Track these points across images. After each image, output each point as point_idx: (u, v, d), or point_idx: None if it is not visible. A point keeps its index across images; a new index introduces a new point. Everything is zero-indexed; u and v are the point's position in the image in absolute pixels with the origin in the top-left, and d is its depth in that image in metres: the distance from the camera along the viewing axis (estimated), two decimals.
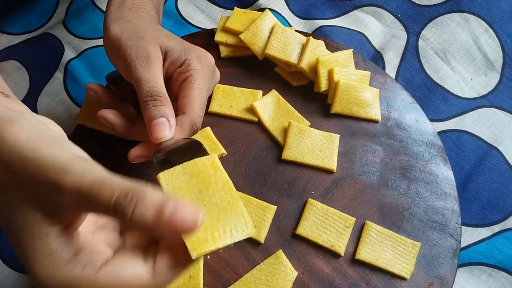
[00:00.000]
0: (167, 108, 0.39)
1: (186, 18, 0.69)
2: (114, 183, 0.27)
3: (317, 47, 0.56)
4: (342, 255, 0.48)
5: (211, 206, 0.32)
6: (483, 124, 0.61)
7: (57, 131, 0.33)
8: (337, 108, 0.55)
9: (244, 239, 0.31)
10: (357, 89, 0.54)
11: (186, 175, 0.33)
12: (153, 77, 0.40)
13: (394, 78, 0.63)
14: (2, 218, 0.29)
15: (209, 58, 0.45)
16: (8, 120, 0.29)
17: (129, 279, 0.29)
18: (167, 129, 0.39)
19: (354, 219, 0.49)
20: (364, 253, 0.48)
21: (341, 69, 0.55)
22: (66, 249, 0.28)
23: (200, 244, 0.30)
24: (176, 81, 0.44)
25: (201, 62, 0.44)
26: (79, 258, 0.28)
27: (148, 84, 0.40)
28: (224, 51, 0.59)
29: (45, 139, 0.29)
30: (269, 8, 0.67)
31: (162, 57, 0.43)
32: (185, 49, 0.44)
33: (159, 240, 0.31)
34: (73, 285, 0.27)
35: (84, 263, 0.28)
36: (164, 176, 0.33)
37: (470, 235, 0.55)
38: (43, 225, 0.28)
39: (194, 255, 0.29)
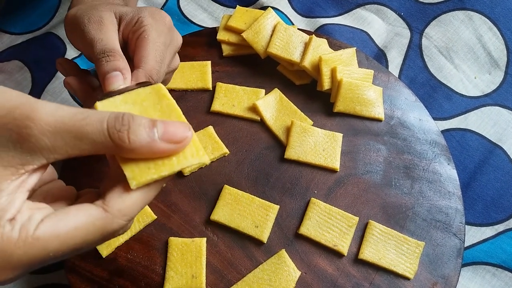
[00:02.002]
0: (121, 62, 0.38)
1: (188, 16, 0.68)
2: (97, 111, 0.25)
3: (319, 46, 0.56)
4: (345, 254, 0.48)
5: None
6: (487, 122, 0.60)
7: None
8: (340, 107, 0.54)
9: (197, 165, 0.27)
10: (360, 88, 0.54)
11: (127, 104, 0.29)
12: (106, 37, 0.39)
13: (397, 76, 0.63)
14: None
15: (164, 15, 0.43)
16: None
17: (78, 223, 0.25)
18: (121, 80, 0.36)
19: (357, 218, 0.49)
20: (368, 253, 0.48)
21: (344, 67, 0.55)
22: (12, 207, 0.24)
23: (141, 172, 0.26)
24: (131, 42, 0.42)
25: (155, 18, 0.42)
26: (17, 217, 0.24)
27: (101, 43, 0.38)
28: (226, 50, 0.59)
29: None
30: (271, 7, 0.67)
31: (116, 21, 0.42)
32: (138, 9, 0.43)
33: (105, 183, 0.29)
34: (9, 252, 0.24)
35: (21, 222, 0.24)
36: (102, 106, 0.29)
37: (474, 234, 0.55)
38: None
39: (133, 184, 0.26)
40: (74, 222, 0.25)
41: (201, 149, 0.28)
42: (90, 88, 0.43)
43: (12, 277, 0.25)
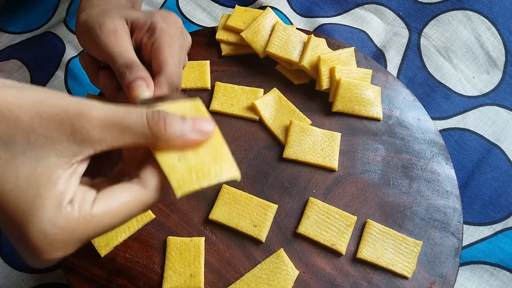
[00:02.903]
0: (143, 72, 0.40)
1: (187, 16, 0.68)
2: (136, 108, 0.29)
3: (318, 45, 0.56)
4: (344, 254, 0.48)
5: (194, 150, 0.31)
6: (485, 122, 0.61)
7: None
8: (338, 106, 0.55)
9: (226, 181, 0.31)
10: (358, 88, 0.54)
11: None
12: (124, 50, 0.41)
13: (396, 76, 0.63)
14: None
15: (175, 17, 0.45)
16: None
17: (125, 200, 0.29)
18: (144, 87, 0.39)
19: (355, 217, 0.49)
20: (366, 252, 0.48)
21: (342, 67, 0.55)
22: (70, 190, 0.28)
23: (184, 183, 0.29)
24: (146, 47, 0.44)
25: (167, 22, 0.43)
26: (75, 198, 0.28)
27: (121, 57, 0.40)
28: (225, 49, 0.59)
29: (49, 92, 0.29)
30: (270, 6, 0.67)
31: (128, 28, 0.43)
32: (149, 14, 0.44)
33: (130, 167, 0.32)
34: (72, 228, 0.27)
35: (78, 203, 0.27)
36: None
37: (472, 233, 0.55)
38: (55, 169, 0.27)
39: (179, 194, 0.29)
40: (122, 199, 0.29)
41: (234, 165, 0.31)
42: (115, 87, 0.44)
43: (72, 251, 0.28)
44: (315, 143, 0.53)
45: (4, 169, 0.26)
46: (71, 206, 0.27)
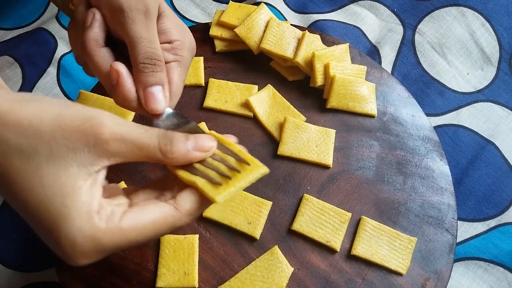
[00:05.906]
0: (164, 74, 0.37)
1: (180, 12, 0.68)
2: (150, 128, 0.32)
3: (313, 42, 0.56)
4: (338, 250, 0.48)
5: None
6: (480, 118, 0.61)
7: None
8: (333, 103, 0.54)
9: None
10: (353, 84, 0.54)
11: None
12: (152, 36, 0.37)
13: (390, 72, 0.63)
14: (19, 187, 0.28)
15: (192, 40, 0.41)
16: (18, 99, 0.29)
17: (154, 218, 0.30)
18: (163, 98, 0.37)
19: (350, 214, 0.49)
20: (360, 249, 0.48)
21: (337, 63, 0.55)
22: (94, 201, 0.29)
23: (218, 191, 0.32)
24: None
25: (187, 46, 0.40)
26: (102, 211, 0.29)
27: (148, 45, 0.36)
28: (219, 46, 0.59)
29: (66, 104, 0.30)
30: (264, 2, 0.66)
31: (157, 15, 0.39)
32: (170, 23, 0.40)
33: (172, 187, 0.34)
34: (99, 239, 0.28)
35: (106, 215, 0.29)
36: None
37: (466, 230, 0.55)
38: (76, 179, 0.28)
39: (220, 199, 0.32)
40: (151, 217, 0.30)
41: (259, 163, 0.35)
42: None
43: (98, 259, 0.29)
44: (309, 140, 0.52)
45: (29, 179, 0.28)
46: (99, 218, 0.28)
